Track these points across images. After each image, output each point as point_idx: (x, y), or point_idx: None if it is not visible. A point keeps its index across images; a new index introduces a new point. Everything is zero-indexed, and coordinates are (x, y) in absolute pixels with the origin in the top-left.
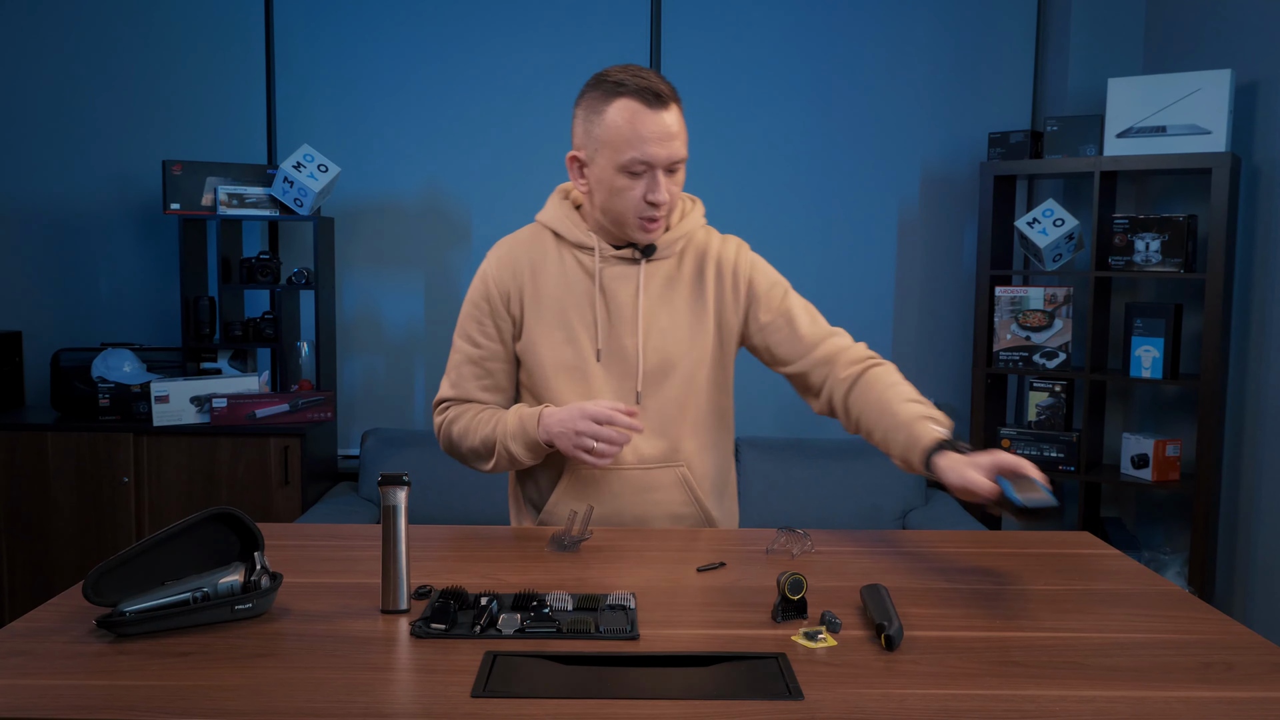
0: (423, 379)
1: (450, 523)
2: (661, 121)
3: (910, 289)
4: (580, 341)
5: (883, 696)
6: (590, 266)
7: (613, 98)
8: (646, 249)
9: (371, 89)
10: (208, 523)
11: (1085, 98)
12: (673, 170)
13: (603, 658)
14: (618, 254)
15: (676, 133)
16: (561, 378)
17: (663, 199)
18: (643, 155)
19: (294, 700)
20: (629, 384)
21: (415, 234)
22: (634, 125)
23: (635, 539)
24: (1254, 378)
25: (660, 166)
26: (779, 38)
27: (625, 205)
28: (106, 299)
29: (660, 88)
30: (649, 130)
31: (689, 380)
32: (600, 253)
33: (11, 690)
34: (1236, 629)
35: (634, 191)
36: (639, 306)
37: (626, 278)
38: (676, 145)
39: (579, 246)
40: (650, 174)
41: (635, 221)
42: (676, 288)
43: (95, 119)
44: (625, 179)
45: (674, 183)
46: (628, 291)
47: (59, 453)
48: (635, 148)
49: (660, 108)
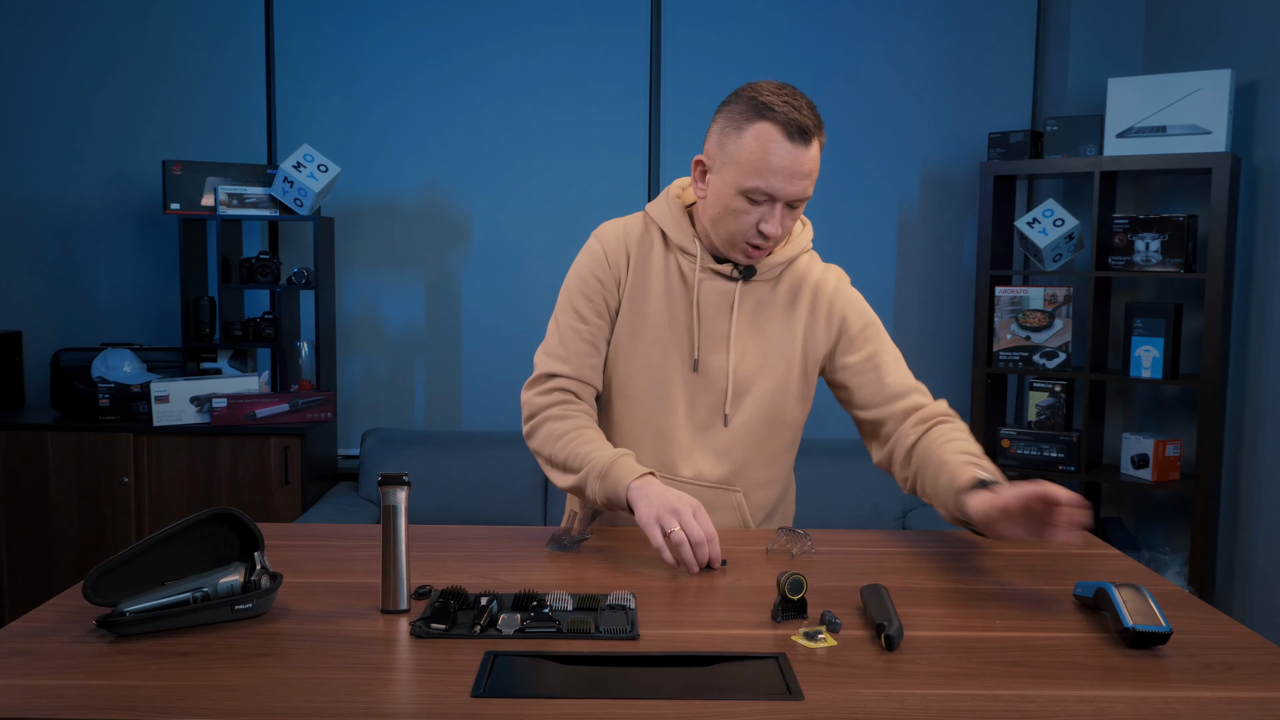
0: (423, 379)
1: (450, 523)
2: (797, 157)
3: (910, 289)
4: (668, 349)
5: (883, 696)
6: (690, 274)
7: (757, 119)
8: (746, 270)
9: (371, 89)
10: (208, 523)
11: (1085, 98)
12: (793, 205)
13: (603, 658)
14: (717, 268)
15: (809, 171)
16: (647, 380)
17: (775, 233)
18: (768, 187)
19: (294, 700)
20: (707, 401)
21: (415, 234)
22: (768, 154)
23: (635, 539)
24: (1254, 378)
25: (782, 201)
26: (779, 38)
27: (736, 228)
28: (106, 299)
29: (806, 122)
30: (781, 163)
31: (763, 407)
32: (701, 262)
33: (11, 690)
34: (1236, 629)
35: (748, 217)
36: (731, 326)
37: (722, 294)
38: (805, 185)
39: (682, 251)
40: (770, 205)
41: (741, 246)
42: (767, 312)
43: (95, 119)
44: (743, 202)
45: (791, 217)
46: (721, 308)
47: (59, 453)
48: (763, 177)
49: (801, 144)
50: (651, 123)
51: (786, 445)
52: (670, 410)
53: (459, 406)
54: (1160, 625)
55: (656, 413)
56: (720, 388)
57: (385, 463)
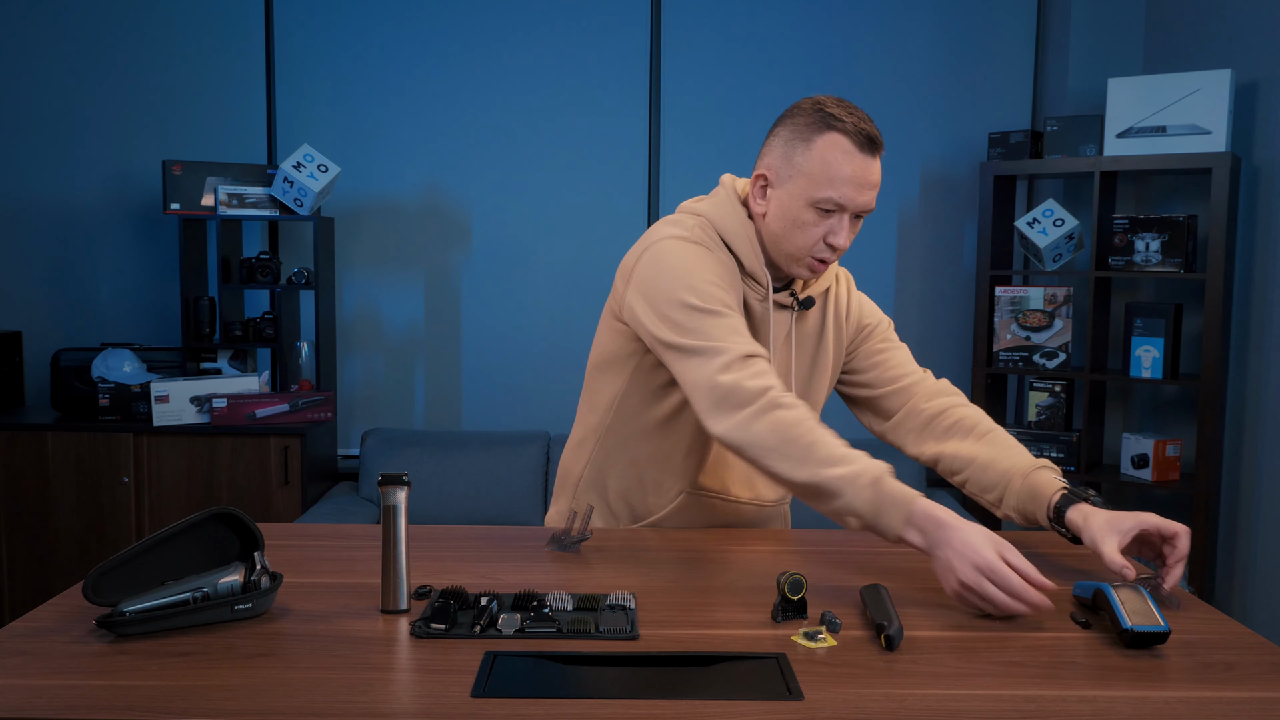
0: (423, 379)
1: (450, 523)
2: (868, 168)
3: (910, 289)
4: None
5: (883, 696)
6: (755, 305)
7: (826, 130)
8: (805, 301)
9: (371, 89)
10: (208, 523)
11: (1085, 98)
12: (858, 217)
13: (603, 658)
14: (779, 299)
15: (876, 182)
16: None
17: (843, 245)
18: (840, 197)
19: (294, 700)
20: None
21: (415, 234)
22: (840, 165)
23: (635, 539)
24: (1254, 378)
25: (851, 212)
26: (779, 38)
27: (803, 241)
28: (106, 299)
29: (874, 134)
30: (854, 173)
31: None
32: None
33: (11, 690)
34: (1236, 629)
35: (817, 230)
36: (792, 359)
37: (781, 324)
38: (873, 196)
39: (752, 278)
40: (839, 216)
41: (807, 260)
42: (812, 338)
43: (95, 119)
44: (813, 214)
45: (854, 230)
46: (782, 340)
47: (59, 453)
48: (835, 188)
49: (871, 154)
50: (651, 123)
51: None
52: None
53: (459, 406)
54: (1159, 625)
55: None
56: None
57: (385, 463)
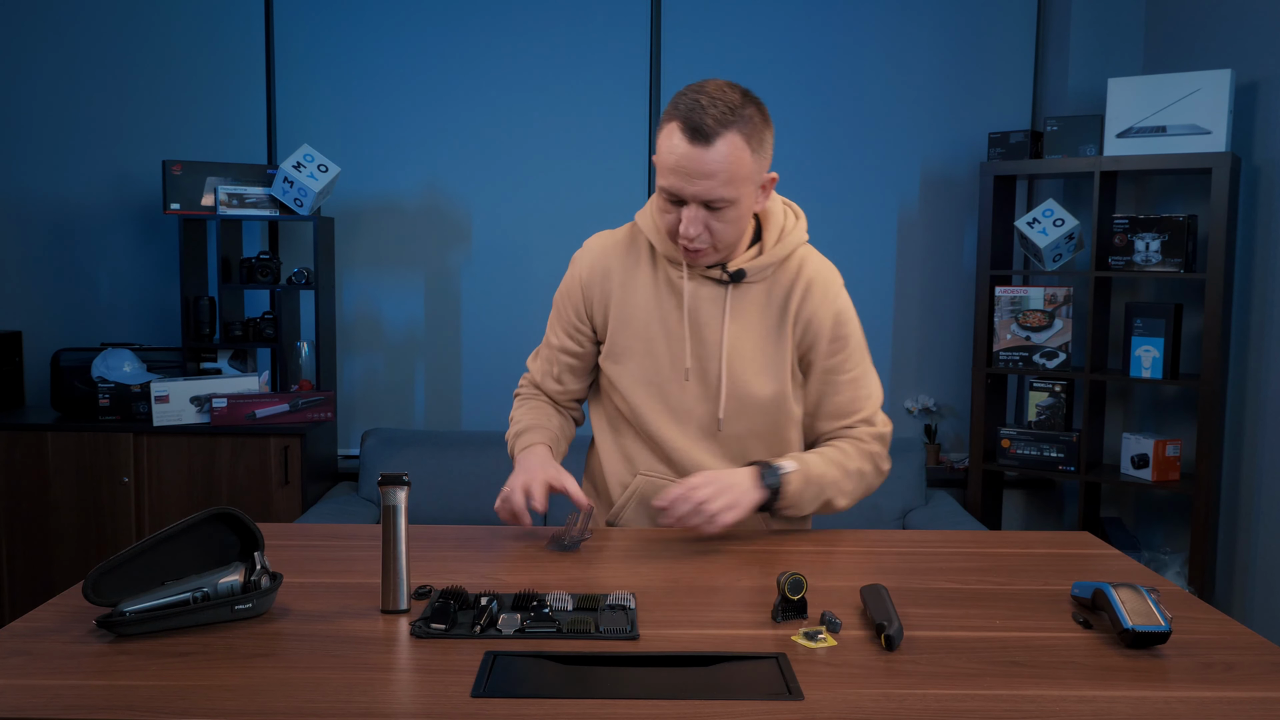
0: (423, 379)
1: (450, 523)
2: (696, 157)
3: (910, 289)
4: (662, 359)
5: (883, 696)
6: (679, 283)
7: (667, 120)
8: (735, 274)
9: (371, 89)
10: (208, 523)
11: (1085, 98)
12: (716, 208)
13: (603, 658)
14: (706, 273)
15: (714, 171)
16: (642, 392)
17: (688, 233)
18: (669, 186)
19: (294, 700)
20: (710, 408)
21: (415, 234)
22: (669, 154)
23: (635, 539)
24: (1254, 378)
25: (690, 201)
26: (779, 38)
27: (664, 227)
28: (106, 299)
29: (703, 121)
30: (678, 163)
31: (770, 414)
32: (688, 270)
33: (11, 690)
34: (1236, 629)
35: (669, 217)
36: (724, 332)
37: (714, 300)
38: (710, 185)
39: (671, 261)
40: (684, 206)
41: (677, 244)
42: (764, 317)
43: (95, 119)
44: (663, 202)
45: (719, 219)
46: (713, 314)
47: (59, 453)
48: (664, 176)
49: (699, 143)
50: (652, 123)
51: (795, 441)
52: (670, 421)
53: (459, 406)
54: (1159, 625)
55: (657, 424)
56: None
57: (385, 463)
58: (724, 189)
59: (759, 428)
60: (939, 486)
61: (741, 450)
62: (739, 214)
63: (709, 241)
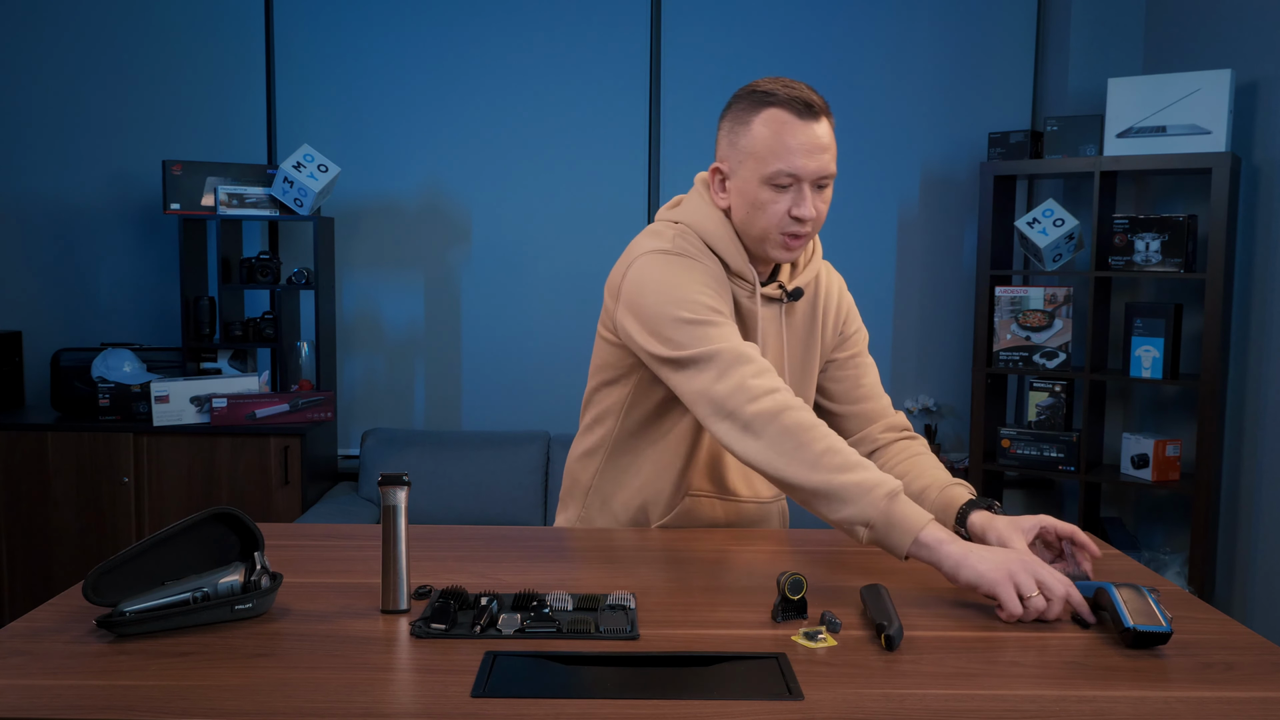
0: (423, 379)
1: (450, 523)
2: (811, 133)
3: (910, 289)
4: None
5: (883, 696)
6: (744, 302)
7: (761, 108)
8: (794, 292)
9: (371, 89)
10: (208, 523)
11: (1085, 98)
12: (821, 186)
13: (603, 658)
14: (768, 293)
15: (827, 145)
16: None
17: (809, 214)
18: (789, 167)
19: (294, 700)
20: None
21: (415, 234)
22: (781, 136)
23: (635, 539)
24: (1254, 378)
25: (808, 180)
26: (779, 38)
27: (768, 221)
28: (106, 299)
29: (812, 98)
30: (797, 141)
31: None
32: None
33: (11, 690)
34: (1236, 629)
35: (778, 206)
36: (784, 348)
37: (771, 319)
38: (826, 159)
39: (739, 276)
40: (797, 187)
41: (777, 238)
42: (802, 328)
43: (95, 119)
44: (770, 192)
45: (821, 199)
46: (771, 330)
47: (59, 453)
48: (782, 159)
49: (811, 119)
50: (651, 123)
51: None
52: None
53: (459, 406)
54: (1160, 625)
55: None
56: None
57: (385, 463)
58: (833, 163)
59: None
60: None
61: None
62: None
63: (814, 225)
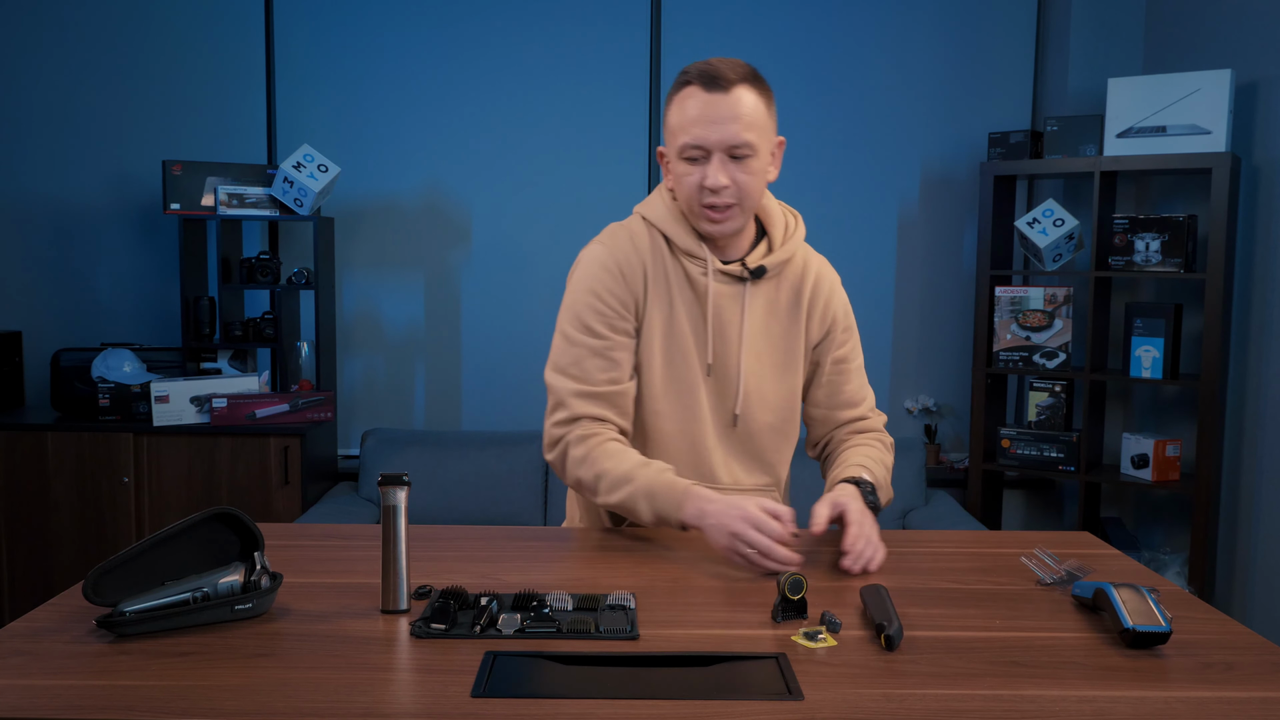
0: (423, 379)
1: (450, 523)
2: (717, 103)
3: (910, 289)
4: (689, 356)
5: (883, 696)
6: (699, 279)
7: (678, 88)
8: (756, 270)
9: (371, 89)
10: (208, 523)
11: (1085, 98)
12: (738, 156)
13: (603, 658)
14: (725, 269)
15: (735, 115)
16: (670, 390)
17: (716, 184)
18: (692, 138)
19: (294, 700)
20: (728, 404)
21: (415, 234)
22: (687, 109)
23: (635, 539)
24: (1254, 378)
25: (714, 150)
26: (779, 38)
27: (687, 193)
28: (106, 299)
29: (719, 70)
30: (700, 112)
31: (786, 409)
32: (711, 265)
33: (11, 690)
34: (1236, 629)
35: (692, 178)
36: (743, 329)
37: (732, 297)
38: (735, 129)
39: (689, 255)
40: (708, 158)
41: (698, 210)
42: (775, 313)
43: (95, 119)
44: (685, 165)
45: (743, 171)
46: (733, 310)
47: (59, 453)
48: (687, 131)
49: (718, 90)
50: (652, 123)
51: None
52: (697, 418)
53: (459, 406)
54: (1160, 625)
55: (686, 422)
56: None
57: (385, 463)
58: (747, 133)
59: (774, 421)
60: (939, 486)
61: (758, 448)
62: (760, 166)
63: (735, 196)
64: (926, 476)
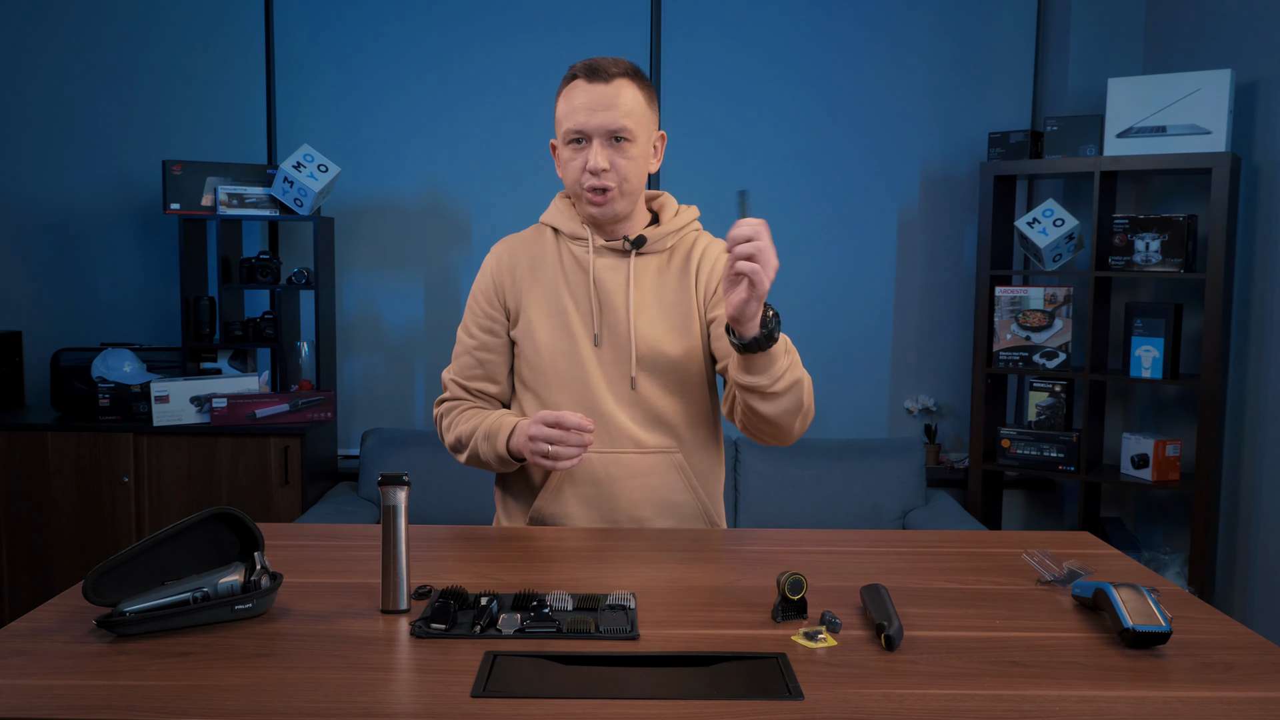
0: (423, 379)
1: (450, 523)
2: (596, 92)
3: (910, 289)
4: (576, 329)
5: (883, 696)
6: (584, 258)
7: (565, 82)
8: (636, 240)
9: (371, 89)
10: (208, 523)
11: (1085, 98)
12: (618, 140)
13: (603, 658)
14: (608, 244)
15: (615, 103)
16: (559, 363)
17: (596, 165)
18: (573, 124)
19: (294, 700)
20: (624, 370)
21: (415, 234)
22: (569, 99)
23: (635, 539)
24: (1254, 378)
25: (595, 135)
26: (779, 38)
27: (571, 177)
28: (106, 299)
29: (604, 64)
30: (580, 100)
31: (682, 373)
32: (592, 243)
33: (11, 690)
34: (1236, 629)
35: (575, 162)
36: (629, 296)
37: (617, 269)
38: (613, 115)
39: (574, 238)
40: (589, 144)
41: (581, 193)
42: (665, 281)
43: (95, 119)
44: (569, 151)
45: (623, 155)
46: (618, 281)
47: (59, 453)
48: (569, 118)
49: (598, 80)
50: None
51: (709, 405)
52: (589, 386)
53: None
54: (1160, 625)
55: (580, 392)
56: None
57: (385, 463)
58: (625, 119)
59: (671, 385)
60: (939, 486)
61: (657, 410)
62: (640, 153)
63: (615, 180)
64: (926, 476)
